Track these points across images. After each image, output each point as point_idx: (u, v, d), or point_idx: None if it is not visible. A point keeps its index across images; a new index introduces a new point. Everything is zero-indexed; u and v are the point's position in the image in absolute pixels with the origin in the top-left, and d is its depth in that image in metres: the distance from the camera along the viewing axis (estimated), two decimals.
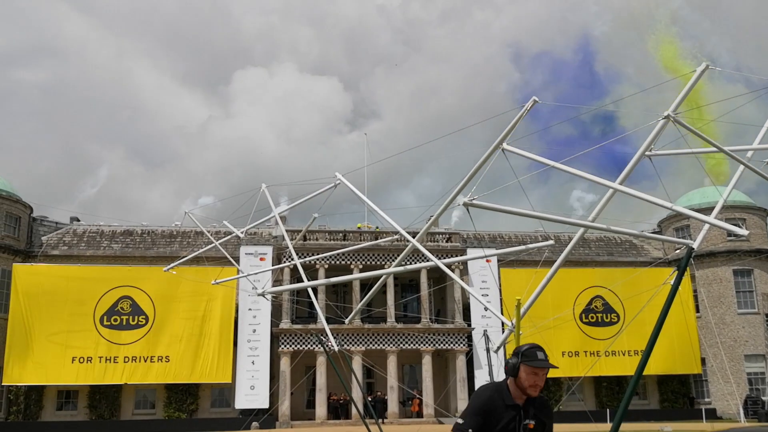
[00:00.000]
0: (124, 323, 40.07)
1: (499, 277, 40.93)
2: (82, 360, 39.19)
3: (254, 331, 40.39)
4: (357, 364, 39.45)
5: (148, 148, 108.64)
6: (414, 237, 15.49)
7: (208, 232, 32.94)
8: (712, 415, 42.09)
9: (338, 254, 38.78)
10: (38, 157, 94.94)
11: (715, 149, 11.77)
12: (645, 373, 22.97)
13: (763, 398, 42.18)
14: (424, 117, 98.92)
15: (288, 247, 25.53)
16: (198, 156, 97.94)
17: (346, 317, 19.41)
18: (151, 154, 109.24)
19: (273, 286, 37.52)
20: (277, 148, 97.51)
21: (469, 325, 41.72)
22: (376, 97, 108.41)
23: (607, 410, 40.79)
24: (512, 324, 12.23)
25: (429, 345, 41.22)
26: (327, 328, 24.60)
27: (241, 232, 23.42)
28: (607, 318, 43.77)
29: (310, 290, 24.92)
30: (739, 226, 9.70)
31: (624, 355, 42.66)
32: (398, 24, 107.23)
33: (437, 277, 42.40)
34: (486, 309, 24.64)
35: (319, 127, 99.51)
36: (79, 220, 47.62)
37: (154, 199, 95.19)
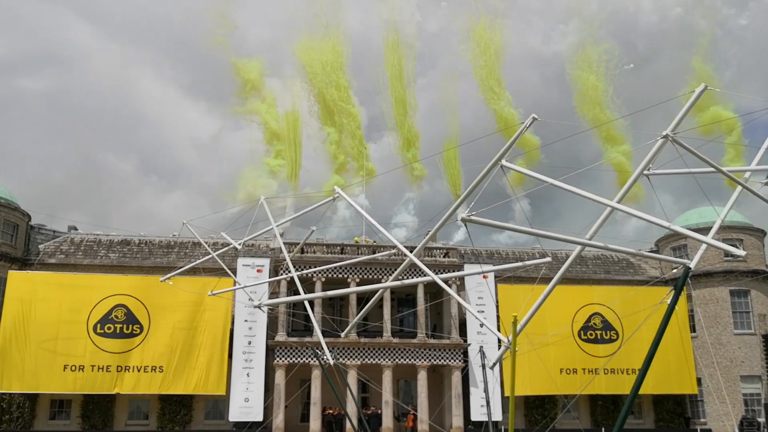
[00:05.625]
0: (118, 331, 39.77)
1: (496, 293, 40.87)
2: (74, 368, 38.89)
3: (250, 343, 40.25)
4: (352, 378, 39.29)
5: (160, 158, 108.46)
6: (411, 252, 15.52)
7: (206, 243, 32.95)
8: None
9: (335, 267, 38.79)
10: (47, 165, 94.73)
11: (712, 169, 11.84)
12: (640, 392, 22.82)
13: (759, 419, 42.02)
14: (440, 133, 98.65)
15: (285, 260, 25.54)
16: (210, 167, 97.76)
17: (342, 331, 19.41)
18: (164, 165, 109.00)
19: (270, 298, 37.46)
20: None
21: (466, 341, 41.62)
22: (390, 112, 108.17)
23: (602, 429, 40.64)
24: (508, 340, 12.22)
25: (425, 360, 41.10)
26: (323, 341, 24.58)
27: (239, 244, 23.47)
28: (606, 335, 43.50)
29: (306, 303, 24.90)
30: (737, 247, 9.72)
31: (622, 373, 42.43)
32: (410, 39, 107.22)
33: (434, 292, 42.31)
34: (482, 325, 24.64)
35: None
36: (77, 229, 47.52)
37: (166, 210, 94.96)
